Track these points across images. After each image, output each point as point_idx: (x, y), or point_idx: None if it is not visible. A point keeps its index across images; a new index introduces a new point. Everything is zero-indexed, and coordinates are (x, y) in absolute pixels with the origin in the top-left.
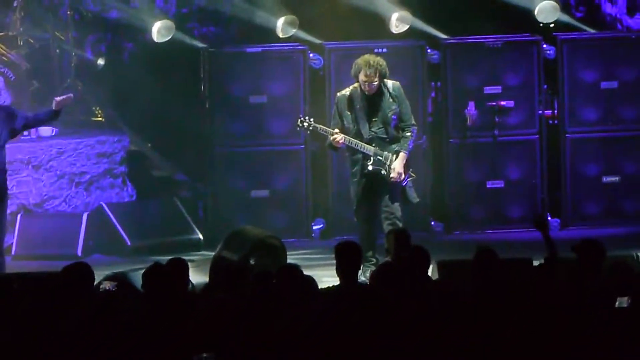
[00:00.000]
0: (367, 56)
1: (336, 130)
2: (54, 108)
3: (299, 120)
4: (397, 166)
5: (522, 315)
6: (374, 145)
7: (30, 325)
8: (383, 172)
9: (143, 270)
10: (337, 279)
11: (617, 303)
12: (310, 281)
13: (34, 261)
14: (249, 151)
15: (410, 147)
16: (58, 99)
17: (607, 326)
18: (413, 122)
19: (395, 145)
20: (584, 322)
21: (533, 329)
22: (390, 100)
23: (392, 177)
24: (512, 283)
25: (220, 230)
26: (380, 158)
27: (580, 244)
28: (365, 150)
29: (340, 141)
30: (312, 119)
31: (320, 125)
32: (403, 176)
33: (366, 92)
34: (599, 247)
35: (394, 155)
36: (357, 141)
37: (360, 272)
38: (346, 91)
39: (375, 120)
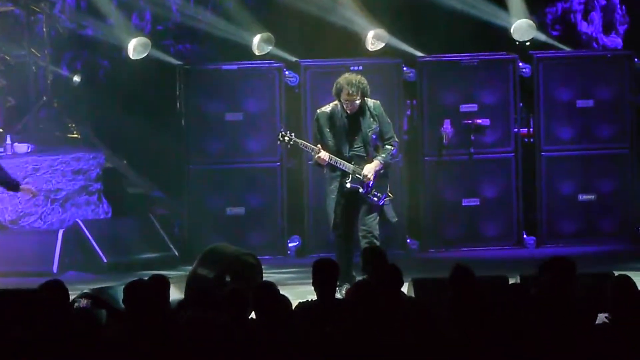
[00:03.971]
0: (348, 75)
1: (319, 146)
2: (18, 186)
3: (280, 134)
4: (369, 166)
5: (498, 333)
6: (353, 163)
7: (6, 341)
8: (361, 190)
9: (122, 286)
10: (314, 296)
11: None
12: (285, 300)
13: (10, 278)
14: (225, 169)
15: (388, 158)
16: (26, 187)
17: (586, 342)
18: (395, 138)
19: None
20: (561, 339)
21: (510, 346)
22: (371, 119)
23: (362, 175)
24: (488, 301)
25: (196, 247)
26: (359, 176)
27: (547, 262)
28: (344, 168)
29: (325, 159)
30: (292, 134)
31: (301, 140)
32: (371, 178)
33: (347, 111)
34: (567, 263)
35: None
36: (338, 159)
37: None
38: (327, 108)
39: (356, 139)
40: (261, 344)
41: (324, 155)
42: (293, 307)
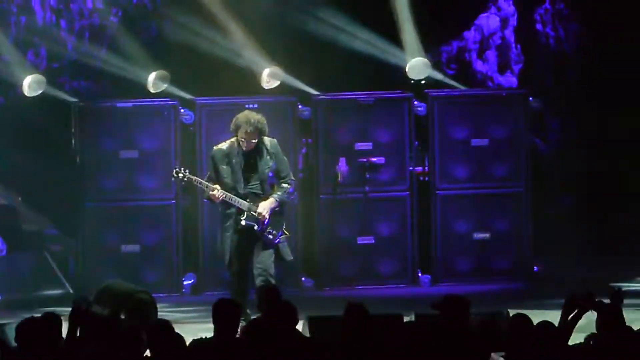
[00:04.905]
0: (248, 113)
1: (216, 185)
2: None
3: (174, 170)
4: (264, 204)
5: None
6: (248, 200)
7: None
8: (256, 227)
9: (15, 324)
10: (208, 333)
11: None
12: (179, 339)
13: None
14: (120, 206)
15: (284, 197)
16: None
17: None
18: (292, 176)
19: None
20: None
21: None
22: (267, 157)
23: (257, 213)
24: (382, 339)
25: (91, 284)
26: (254, 214)
27: (441, 301)
28: (239, 205)
29: (219, 197)
30: (187, 170)
31: (196, 177)
32: (267, 216)
33: (244, 148)
34: (460, 301)
35: None
36: (233, 196)
37: None
38: (223, 145)
39: (252, 176)
40: None
41: (218, 193)
42: (187, 345)
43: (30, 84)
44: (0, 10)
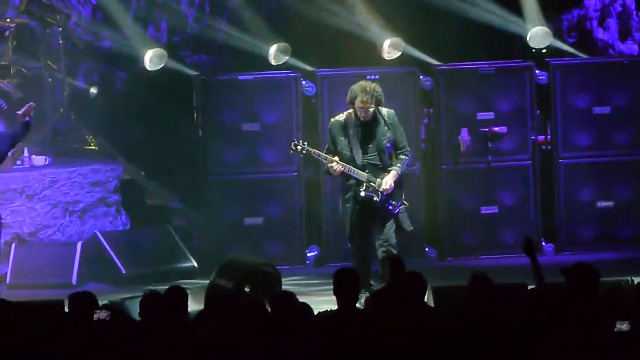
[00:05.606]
0: (363, 82)
1: (336, 158)
2: (21, 120)
3: (292, 143)
4: (387, 179)
5: (518, 340)
6: (367, 171)
7: (25, 354)
8: (376, 198)
9: (139, 298)
10: (333, 305)
11: (616, 327)
12: (306, 308)
13: (29, 290)
14: (242, 179)
15: (403, 168)
16: (20, 112)
17: (607, 350)
18: (408, 148)
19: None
20: (582, 346)
21: (529, 354)
22: (385, 127)
23: (382, 188)
24: (507, 308)
25: (214, 258)
26: (373, 184)
27: (571, 268)
28: (358, 177)
29: (338, 169)
30: (305, 142)
31: (314, 149)
32: (390, 188)
33: (361, 119)
34: (591, 270)
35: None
36: (351, 167)
37: None
38: (340, 117)
39: (370, 147)
40: (281, 353)
41: (336, 165)
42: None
43: (152, 58)
44: None
